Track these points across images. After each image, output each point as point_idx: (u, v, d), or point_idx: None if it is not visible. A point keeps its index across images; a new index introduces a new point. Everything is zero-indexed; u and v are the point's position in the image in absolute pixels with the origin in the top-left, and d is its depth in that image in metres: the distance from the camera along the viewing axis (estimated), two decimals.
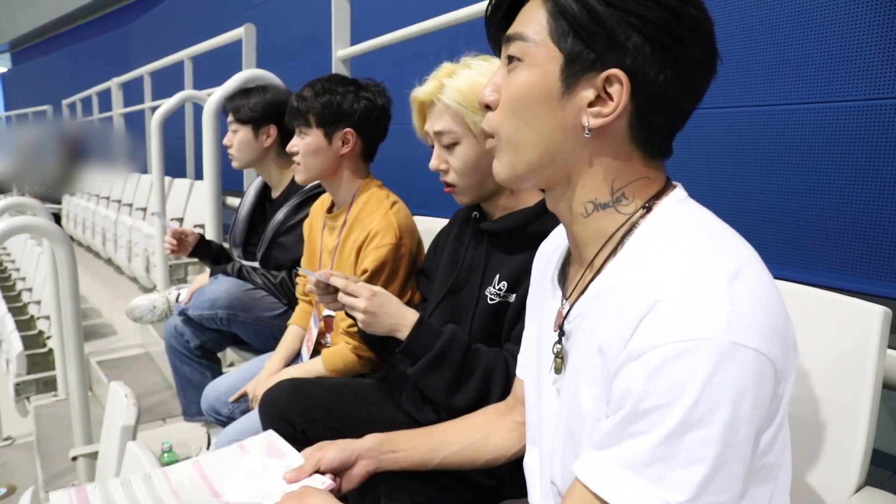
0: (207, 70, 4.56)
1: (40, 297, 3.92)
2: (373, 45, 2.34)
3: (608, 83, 0.63)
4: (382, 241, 1.44)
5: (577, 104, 0.65)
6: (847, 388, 0.89)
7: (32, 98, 13.05)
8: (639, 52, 0.62)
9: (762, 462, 0.61)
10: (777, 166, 2.24)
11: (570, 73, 0.64)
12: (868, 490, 0.87)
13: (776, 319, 0.59)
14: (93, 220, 5.51)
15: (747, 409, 0.55)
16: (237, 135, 2.02)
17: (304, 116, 1.55)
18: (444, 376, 1.08)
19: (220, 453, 1.00)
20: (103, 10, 12.46)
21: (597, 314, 0.67)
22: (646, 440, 0.56)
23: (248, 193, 2.19)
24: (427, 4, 2.20)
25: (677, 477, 0.55)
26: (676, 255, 0.61)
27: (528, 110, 0.67)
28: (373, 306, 1.10)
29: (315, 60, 4.09)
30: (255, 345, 1.99)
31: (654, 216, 0.67)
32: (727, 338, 0.55)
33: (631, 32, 0.62)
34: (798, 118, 2.18)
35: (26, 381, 2.97)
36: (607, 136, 0.66)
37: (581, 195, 0.69)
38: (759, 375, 0.56)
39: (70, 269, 2.09)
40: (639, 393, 0.57)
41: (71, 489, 0.92)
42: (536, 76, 0.66)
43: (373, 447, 0.94)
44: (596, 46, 0.63)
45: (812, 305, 0.95)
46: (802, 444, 0.93)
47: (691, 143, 2.50)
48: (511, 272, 1.12)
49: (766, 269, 0.63)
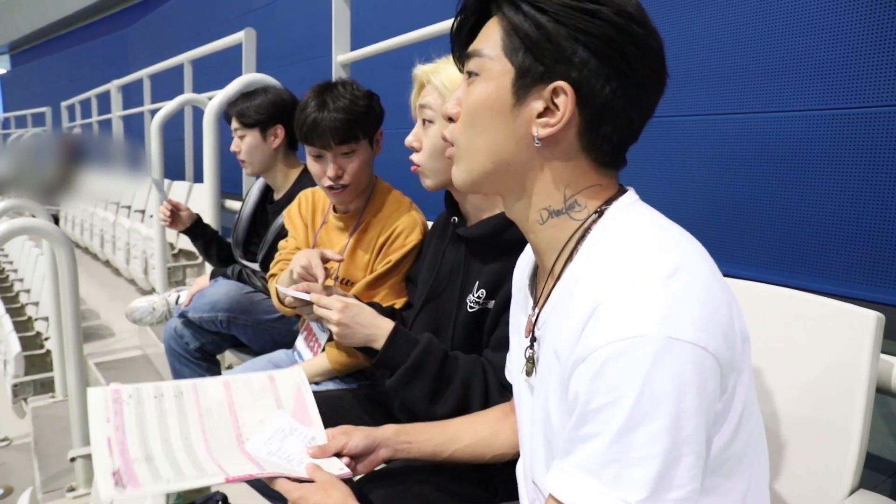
0: (207, 73, 4.57)
1: (38, 299, 3.92)
2: (373, 50, 2.35)
3: (555, 95, 0.67)
4: (408, 238, 1.46)
5: (527, 115, 0.69)
6: (841, 393, 0.90)
7: (31, 100, 13.05)
8: (584, 65, 0.65)
9: (726, 455, 0.63)
10: (771, 173, 2.26)
11: (520, 85, 0.68)
12: (862, 493, 0.88)
13: (716, 313, 0.60)
14: (91, 222, 5.50)
15: (691, 402, 0.57)
16: (245, 140, 2.01)
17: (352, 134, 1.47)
18: (423, 386, 1.07)
19: (249, 379, 1.03)
20: (103, 13, 12.46)
21: (556, 320, 0.70)
22: (598, 441, 0.58)
23: (252, 193, 2.19)
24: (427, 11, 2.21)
25: (632, 475, 0.57)
26: (617, 258, 0.64)
27: (483, 120, 0.71)
28: (345, 318, 1.10)
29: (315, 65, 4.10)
30: (255, 347, 1.99)
31: (605, 221, 0.70)
32: (663, 333, 0.57)
33: (577, 47, 0.65)
34: (792, 125, 2.20)
35: (24, 382, 2.97)
36: (557, 146, 0.69)
37: (535, 202, 0.72)
38: (700, 368, 0.57)
39: (70, 271, 2.10)
40: (586, 394, 0.59)
41: (108, 388, 0.94)
42: (491, 88, 0.70)
43: (391, 437, 0.98)
44: (545, 60, 0.66)
45: (806, 311, 0.96)
46: (797, 447, 0.94)
47: (686, 149, 2.52)
48: (489, 279, 1.13)
49: (709, 267, 0.65)
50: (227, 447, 0.92)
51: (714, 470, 0.63)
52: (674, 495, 0.57)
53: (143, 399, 0.95)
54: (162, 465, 0.86)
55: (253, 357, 1.93)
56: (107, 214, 5.09)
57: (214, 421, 0.95)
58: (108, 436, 0.88)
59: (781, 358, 0.98)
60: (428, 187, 1.21)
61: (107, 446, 0.86)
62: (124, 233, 4.31)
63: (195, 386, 0.99)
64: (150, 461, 0.86)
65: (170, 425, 0.93)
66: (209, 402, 0.98)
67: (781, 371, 0.97)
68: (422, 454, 0.99)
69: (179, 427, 0.93)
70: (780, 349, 0.98)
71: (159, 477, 0.83)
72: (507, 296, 1.07)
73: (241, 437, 0.94)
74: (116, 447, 0.87)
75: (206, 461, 0.88)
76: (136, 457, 0.86)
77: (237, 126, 2.02)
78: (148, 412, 0.93)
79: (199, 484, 0.84)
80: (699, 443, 0.58)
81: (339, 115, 1.45)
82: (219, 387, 1.00)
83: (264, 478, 0.86)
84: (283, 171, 2.06)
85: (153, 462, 0.86)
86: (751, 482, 0.67)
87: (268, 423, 0.96)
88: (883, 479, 1.27)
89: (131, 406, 0.93)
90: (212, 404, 0.97)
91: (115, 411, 0.92)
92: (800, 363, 0.95)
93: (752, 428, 0.67)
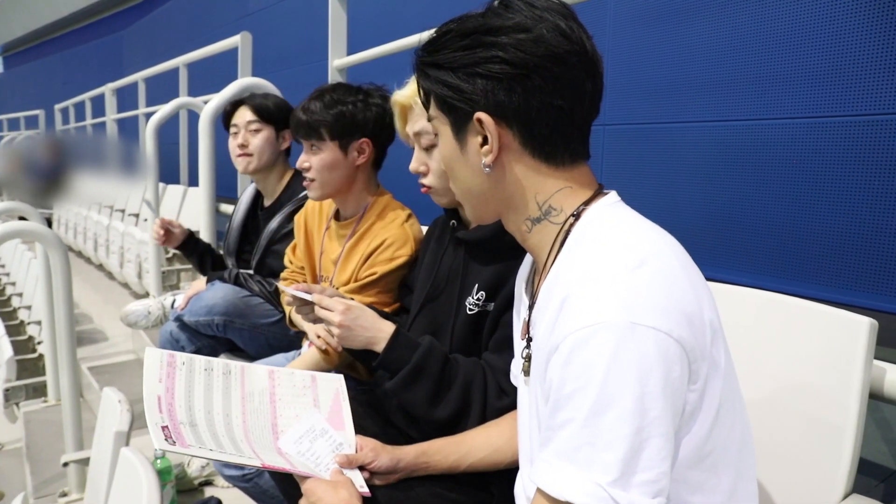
0: (202, 77, 4.57)
1: (31, 302, 3.89)
2: (369, 55, 2.36)
3: (481, 126, 0.74)
4: (398, 252, 1.43)
5: (473, 150, 0.76)
6: (834, 398, 0.90)
7: (24, 102, 12.98)
8: (486, 90, 0.72)
9: (706, 448, 0.65)
10: (766, 179, 2.27)
11: (457, 131, 0.77)
12: (855, 497, 0.89)
13: (681, 302, 0.63)
14: (84, 226, 5.48)
15: (656, 385, 0.59)
16: (260, 133, 1.97)
17: (315, 130, 1.49)
18: (424, 390, 1.07)
19: (293, 373, 1.07)
20: (97, 15, 12.43)
21: (541, 317, 0.73)
22: (571, 427, 0.61)
23: (241, 201, 2.19)
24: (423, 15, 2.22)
25: (603, 458, 0.59)
26: (588, 253, 0.68)
27: (451, 169, 0.81)
28: (347, 320, 1.09)
29: (311, 69, 4.11)
30: (251, 351, 1.99)
31: (583, 222, 0.73)
32: (626, 319, 0.60)
33: (476, 80, 0.72)
34: (787, 133, 2.21)
35: (16, 386, 2.94)
36: (508, 163, 0.75)
37: (518, 216, 0.78)
38: (664, 353, 0.60)
39: (64, 274, 2.09)
40: (558, 381, 0.62)
41: (164, 351, 0.99)
42: (444, 142, 0.80)
43: (412, 461, 1.01)
44: (460, 105, 0.74)
45: (800, 317, 0.97)
46: (790, 451, 0.95)
47: (681, 156, 2.53)
48: (489, 281, 1.13)
49: (681, 262, 0.68)
50: (263, 436, 0.95)
51: (696, 463, 0.65)
52: (642, 477, 0.59)
53: (195, 369, 0.99)
54: (204, 433, 0.90)
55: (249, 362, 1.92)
56: (100, 218, 5.08)
57: (255, 405, 0.99)
58: (158, 394, 0.92)
59: (775, 363, 0.98)
60: (443, 205, 1.22)
61: (157, 404, 0.90)
62: (118, 236, 4.30)
63: (243, 369, 1.03)
64: (194, 427, 0.90)
65: (214, 400, 0.97)
66: (252, 387, 1.01)
67: (775, 376, 0.98)
68: (439, 470, 1.03)
69: (222, 403, 0.97)
70: (774, 355, 0.99)
71: (203, 442, 0.87)
72: (506, 298, 1.08)
73: (277, 429, 0.97)
74: (165, 407, 0.91)
75: (242, 442, 0.91)
76: (181, 420, 0.90)
77: (253, 118, 1.98)
78: (196, 382, 0.97)
79: (236, 461, 0.87)
80: (666, 425, 0.60)
81: (307, 116, 1.49)
82: (264, 375, 1.04)
83: (295, 474, 0.90)
84: (278, 175, 2.06)
85: (196, 428, 0.90)
86: (738, 478, 0.69)
87: (302, 420, 0.99)
88: (875, 484, 1.28)
89: (183, 372, 0.97)
90: (255, 390, 1.01)
91: (168, 374, 0.96)
92: (794, 368, 0.96)
93: (735, 423, 0.69)
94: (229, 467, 1.43)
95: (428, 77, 0.77)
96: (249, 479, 1.41)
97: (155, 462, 1.93)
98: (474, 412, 1.07)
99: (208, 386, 0.98)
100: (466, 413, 1.07)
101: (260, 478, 1.41)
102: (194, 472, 2.05)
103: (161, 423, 0.87)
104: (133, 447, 1.24)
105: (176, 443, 0.85)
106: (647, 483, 0.59)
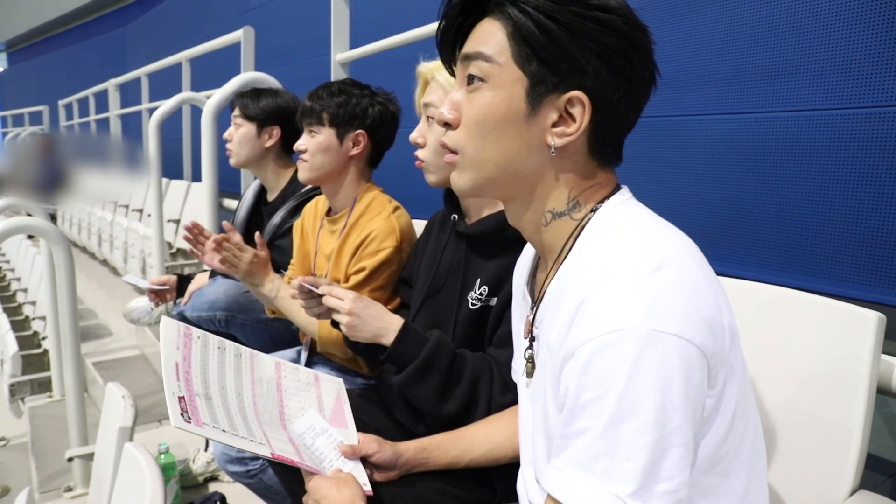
0: (205, 72, 4.56)
1: (35, 298, 3.91)
2: (371, 49, 2.35)
3: (570, 104, 0.67)
4: (383, 244, 1.44)
5: (541, 124, 0.68)
6: (842, 393, 0.90)
7: (28, 98, 13.02)
8: (598, 74, 0.66)
9: (721, 452, 0.63)
10: (772, 172, 2.26)
11: (534, 95, 0.67)
12: (862, 493, 0.88)
13: (702, 306, 0.61)
14: (88, 221, 5.50)
15: (678, 395, 0.57)
16: (240, 129, 2.01)
17: (317, 115, 1.55)
18: (432, 384, 1.06)
19: (297, 368, 1.08)
20: (101, 11, 12.42)
21: (550, 317, 0.70)
22: (588, 436, 0.58)
23: (245, 197, 2.19)
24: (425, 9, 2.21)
25: (621, 469, 0.57)
26: (605, 253, 0.65)
27: (495, 130, 0.69)
28: (357, 308, 1.09)
29: (314, 64, 4.10)
30: (253, 347, 1.97)
31: (598, 218, 0.71)
32: (647, 326, 0.57)
33: (590, 57, 0.65)
34: (792, 125, 2.20)
35: (21, 381, 2.96)
36: (569, 152, 0.70)
37: (542, 206, 0.72)
38: (685, 360, 0.58)
39: (68, 270, 2.09)
40: (575, 389, 0.60)
41: (180, 324, 0.97)
42: (502, 97, 0.68)
43: (412, 457, 1.02)
44: (559, 70, 0.66)
45: (807, 311, 0.96)
46: (797, 447, 0.94)
47: (688, 150, 2.52)
48: (491, 276, 1.12)
49: (697, 262, 0.65)
50: (272, 420, 0.95)
51: (709, 468, 0.63)
52: (662, 487, 0.57)
53: (209, 345, 0.98)
54: (218, 409, 0.89)
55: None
56: (104, 213, 5.09)
57: (264, 391, 0.99)
58: (176, 360, 0.91)
59: (782, 358, 0.97)
60: (432, 183, 1.22)
61: (174, 370, 0.90)
62: (122, 232, 4.30)
63: (252, 354, 1.03)
64: (210, 400, 0.89)
65: (227, 378, 0.96)
66: (262, 373, 1.02)
67: (782, 371, 0.97)
68: (439, 466, 1.02)
69: (235, 383, 0.97)
70: (780, 349, 0.98)
71: (217, 420, 0.86)
72: (509, 292, 1.07)
73: (284, 416, 0.98)
74: (182, 375, 0.90)
75: (254, 422, 0.91)
76: (197, 391, 0.89)
77: (237, 114, 2.03)
78: (211, 358, 0.97)
79: (247, 448, 0.86)
80: (687, 434, 0.58)
81: (312, 102, 1.56)
82: (271, 365, 1.04)
83: (302, 468, 0.90)
84: (274, 170, 2.06)
85: (211, 402, 0.89)
86: (749, 482, 0.67)
87: (307, 414, 1.00)
88: (883, 480, 1.27)
89: (198, 346, 0.96)
90: (263, 376, 1.02)
91: (185, 343, 0.95)
92: (801, 363, 0.95)
93: (748, 426, 0.67)
94: (233, 463, 1.43)
95: (529, 17, 0.65)
96: (253, 475, 1.41)
97: (159, 457, 1.93)
98: (480, 407, 1.07)
99: (221, 363, 0.98)
100: (472, 409, 1.07)
101: (264, 473, 1.41)
102: (198, 468, 2.06)
103: (178, 393, 0.86)
104: (137, 442, 1.25)
105: (191, 419, 0.83)
106: (667, 494, 0.57)
